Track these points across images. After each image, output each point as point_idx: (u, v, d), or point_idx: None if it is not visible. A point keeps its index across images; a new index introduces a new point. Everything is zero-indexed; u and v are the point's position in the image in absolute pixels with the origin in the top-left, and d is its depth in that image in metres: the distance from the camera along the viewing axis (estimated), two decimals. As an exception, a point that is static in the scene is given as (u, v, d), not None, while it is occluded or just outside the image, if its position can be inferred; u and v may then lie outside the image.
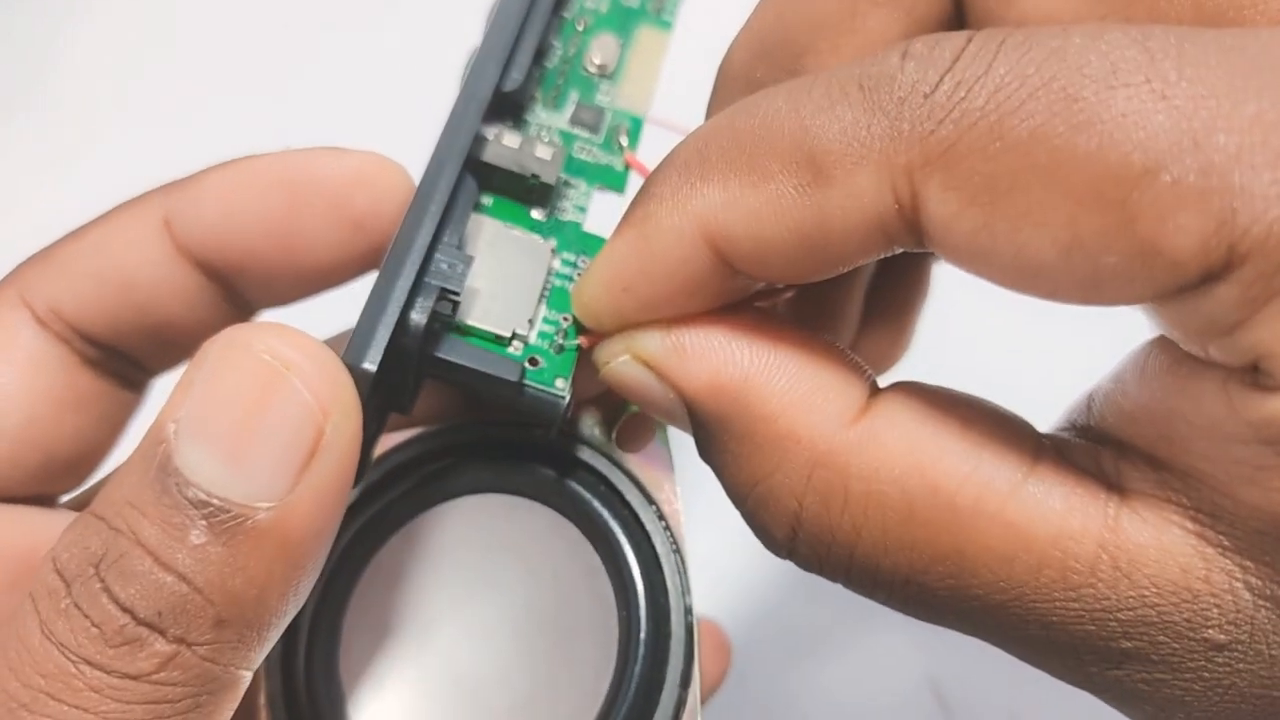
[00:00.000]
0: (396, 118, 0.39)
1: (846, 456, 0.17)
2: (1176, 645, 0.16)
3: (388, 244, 0.19)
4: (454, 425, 0.23)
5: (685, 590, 0.22)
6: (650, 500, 0.22)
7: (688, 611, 0.21)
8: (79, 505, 0.23)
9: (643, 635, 0.21)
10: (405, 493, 0.22)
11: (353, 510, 0.22)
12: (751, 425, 0.18)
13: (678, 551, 0.22)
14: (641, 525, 0.22)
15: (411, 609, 0.21)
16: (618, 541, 0.22)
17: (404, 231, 0.19)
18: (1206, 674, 0.16)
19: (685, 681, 0.21)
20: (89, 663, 0.15)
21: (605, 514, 0.22)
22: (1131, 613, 0.16)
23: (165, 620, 0.15)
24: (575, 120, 0.23)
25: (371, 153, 0.21)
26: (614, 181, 0.23)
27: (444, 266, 0.19)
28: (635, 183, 0.23)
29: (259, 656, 0.16)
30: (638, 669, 0.21)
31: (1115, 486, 0.17)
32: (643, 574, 0.22)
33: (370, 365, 0.18)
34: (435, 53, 0.33)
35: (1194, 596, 0.16)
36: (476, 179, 0.21)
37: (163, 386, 0.23)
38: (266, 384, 0.16)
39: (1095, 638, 0.16)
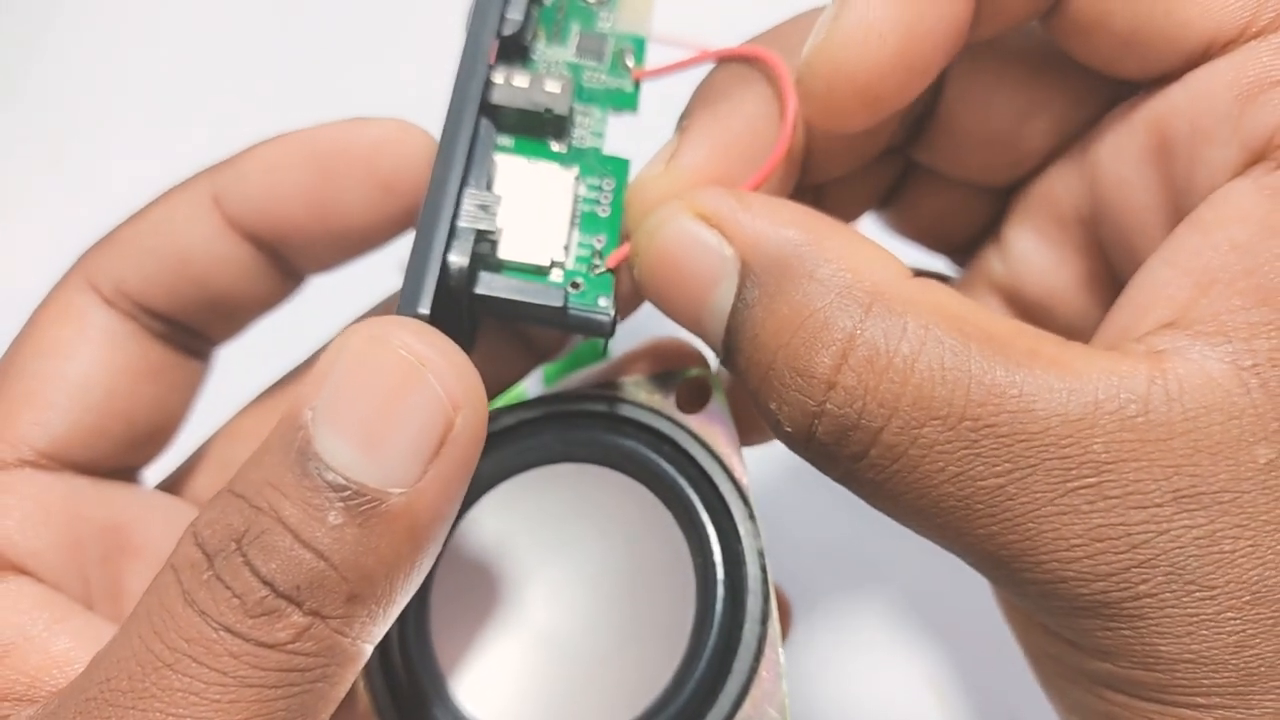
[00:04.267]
0: (408, 80, 0.40)
1: (906, 296, 0.18)
2: (1229, 473, 0.17)
3: (420, 202, 0.20)
4: (525, 402, 0.24)
5: (756, 533, 0.22)
6: (713, 454, 0.23)
7: (760, 553, 0.22)
8: (167, 486, 0.25)
9: (720, 578, 0.22)
10: (481, 468, 0.23)
11: None
12: (813, 265, 0.18)
13: (744, 498, 0.23)
14: (708, 478, 0.23)
15: (494, 575, 0.22)
16: (686, 496, 0.23)
17: (433, 184, 0.20)
18: (1260, 503, 0.17)
19: (765, 617, 0.22)
20: (229, 630, 0.16)
21: (672, 472, 0.23)
22: (1185, 439, 0.17)
23: (303, 594, 0.16)
24: (581, 51, 0.24)
25: (394, 119, 0.23)
26: (626, 102, 0.24)
27: (475, 208, 0.20)
28: (650, 99, 0.24)
29: (381, 631, 0.18)
30: (718, 610, 0.22)
31: (1150, 353, 0.18)
32: (713, 522, 0.22)
33: (424, 310, 0.19)
34: (439, 9, 0.34)
35: (1239, 412, 0.17)
36: (493, 122, 0.22)
37: (226, 356, 0.25)
38: (403, 377, 0.17)
39: (1148, 481, 0.17)
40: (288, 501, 0.16)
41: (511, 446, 0.23)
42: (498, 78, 0.22)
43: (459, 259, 0.20)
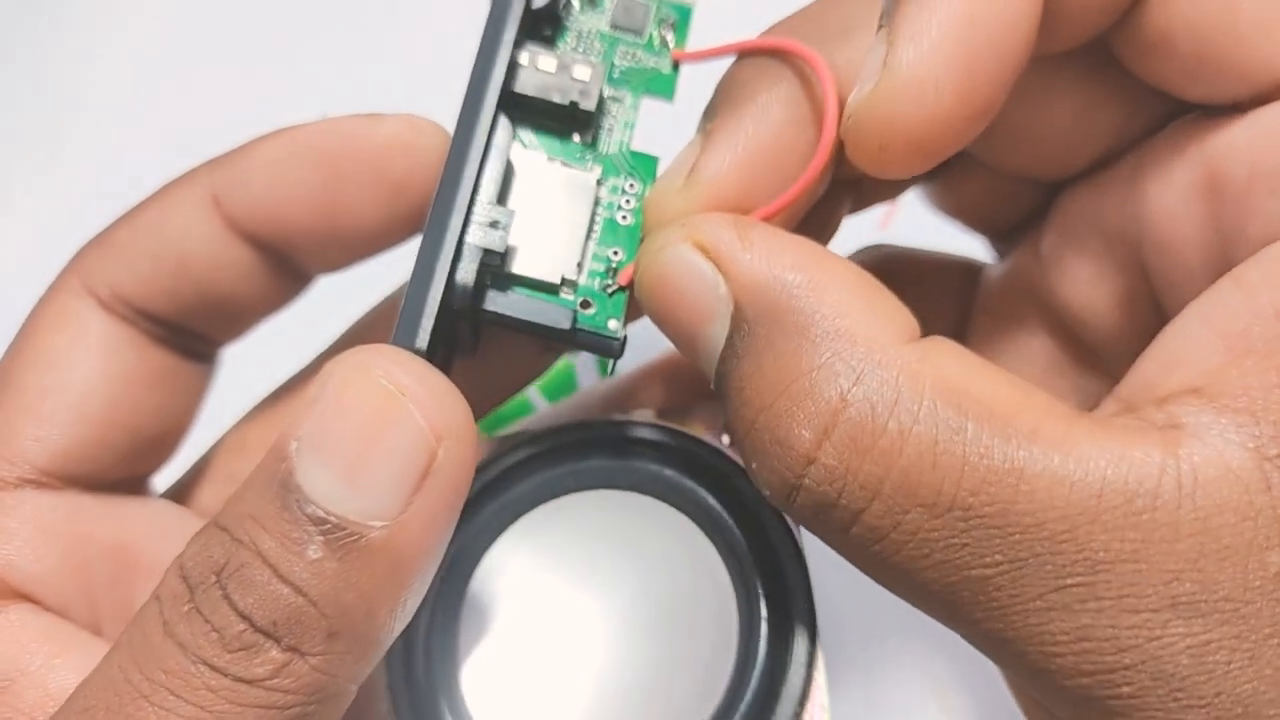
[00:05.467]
0: (424, 55, 0.37)
1: (902, 364, 0.17)
2: (1235, 581, 0.16)
3: (429, 205, 0.19)
4: (561, 427, 0.23)
5: (804, 571, 0.21)
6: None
7: (809, 591, 0.21)
8: (174, 495, 0.24)
9: (764, 615, 0.21)
10: (518, 491, 0.23)
11: (467, 508, 0.22)
12: (808, 321, 0.17)
13: (790, 532, 0.22)
14: (753, 511, 0.22)
15: (527, 603, 0.22)
16: (730, 528, 0.22)
17: (441, 195, 0.19)
18: (1264, 614, 0.16)
19: (811, 661, 0.21)
20: (207, 664, 0.16)
21: (716, 502, 0.22)
22: (1192, 540, 0.16)
23: (280, 629, 0.16)
24: (616, 20, 0.22)
25: (406, 116, 0.21)
26: (662, 88, 0.22)
27: (485, 226, 0.19)
28: (689, 84, 0.22)
29: (365, 670, 0.17)
30: (762, 651, 0.21)
31: (1168, 426, 0.17)
32: (758, 557, 0.22)
33: (420, 345, 0.18)
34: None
35: (1255, 513, 0.16)
36: (514, 109, 0.20)
37: (233, 355, 0.24)
38: (383, 408, 0.16)
39: (1145, 585, 0.16)
40: (267, 535, 0.16)
41: (551, 470, 0.23)
42: (523, 58, 0.20)
43: (465, 279, 0.19)
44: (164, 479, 0.24)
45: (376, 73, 0.41)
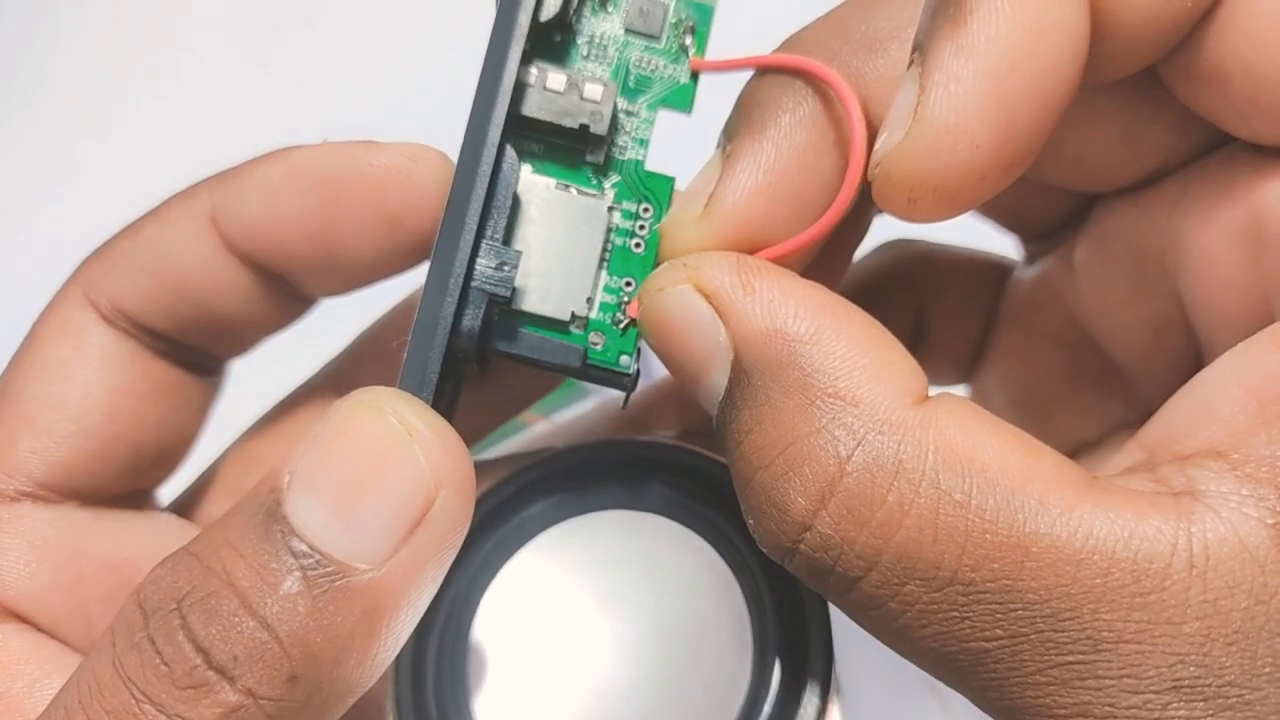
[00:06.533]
0: (435, 66, 0.35)
1: (905, 430, 0.16)
2: (1242, 667, 0.16)
3: (433, 238, 0.18)
4: (578, 446, 0.23)
5: (821, 598, 0.21)
6: None
7: (824, 613, 0.21)
8: (180, 508, 0.24)
9: (779, 639, 0.21)
10: (533, 511, 0.22)
11: (481, 528, 0.22)
12: (808, 378, 0.17)
13: None
14: None
15: (539, 621, 0.22)
16: (745, 548, 0.22)
17: (444, 234, 0.18)
18: (1270, 700, 0.16)
19: (826, 690, 0.21)
20: (151, 701, 0.15)
21: (728, 523, 0.22)
22: (1200, 623, 0.16)
23: (239, 667, 0.15)
24: (631, 22, 0.20)
25: (406, 145, 0.20)
26: (679, 100, 0.20)
27: (490, 269, 0.18)
28: (709, 95, 0.20)
29: None
30: (775, 677, 0.21)
31: (1185, 492, 0.16)
32: (773, 584, 0.21)
33: (426, 396, 0.18)
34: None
35: (1269, 596, 0.16)
36: (521, 129, 0.19)
37: (242, 364, 0.24)
38: (389, 445, 0.16)
39: (1148, 667, 0.16)
40: (243, 563, 0.15)
41: (566, 491, 0.22)
42: (530, 77, 0.19)
43: (471, 323, 0.18)
44: (169, 491, 0.24)
45: (385, 79, 0.40)
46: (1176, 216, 0.20)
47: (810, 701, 0.21)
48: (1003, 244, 0.26)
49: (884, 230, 0.26)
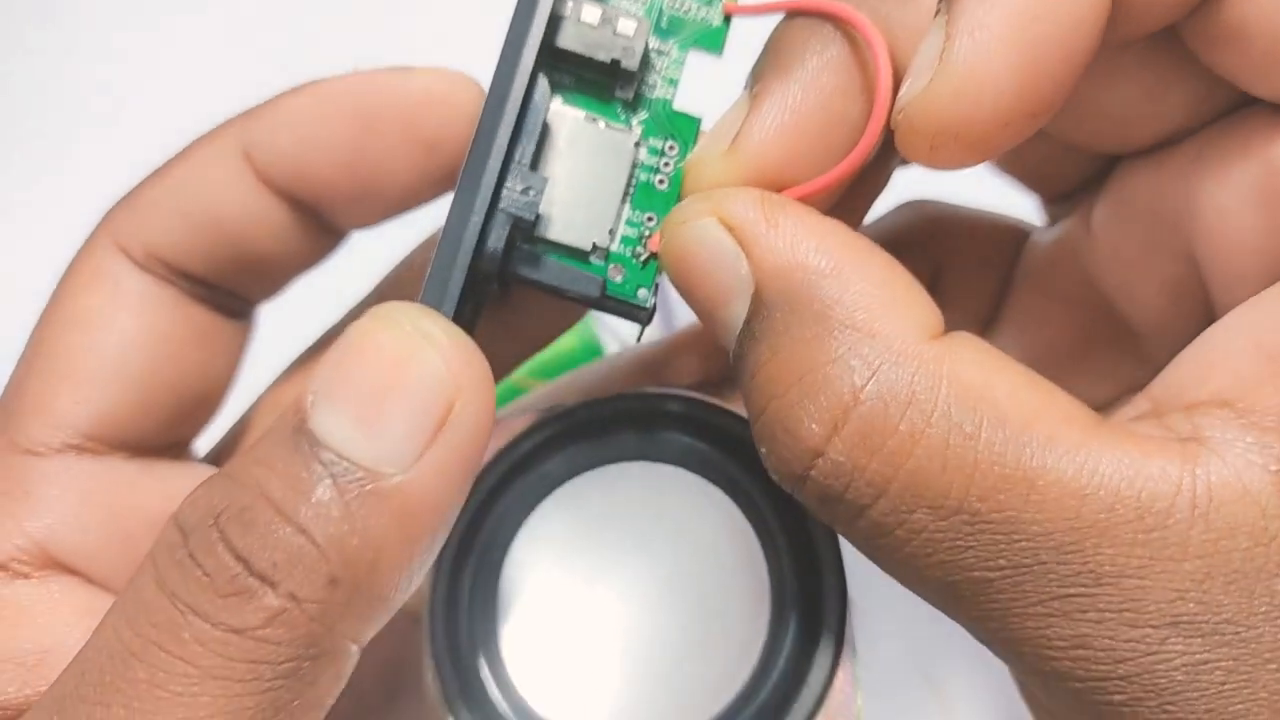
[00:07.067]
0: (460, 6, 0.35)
1: (920, 363, 0.17)
2: (1239, 605, 0.16)
3: (461, 164, 0.19)
4: (596, 400, 0.23)
5: (834, 545, 0.21)
6: None
7: (839, 565, 0.21)
8: (213, 460, 0.24)
9: (795, 591, 0.21)
10: (554, 463, 0.23)
11: (504, 480, 0.22)
12: (827, 310, 0.17)
13: None
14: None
15: (563, 570, 0.22)
16: (763, 501, 0.22)
17: (474, 156, 0.18)
18: (1265, 639, 0.16)
19: (841, 638, 0.21)
20: (196, 612, 0.15)
21: (747, 475, 0.22)
22: (1200, 562, 0.16)
23: (279, 572, 0.15)
24: (666, -39, 0.20)
25: (439, 70, 0.20)
26: (711, 42, 0.21)
27: (519, 191, 0.19)
28: (740, 38, 0.21)
29: (366, 631, 0.17)
30: (792, 625, 0.21)
31: (1191, 439, 0.17)
32: (789, 532, 0.22)
33: (447, 311, 0.18)
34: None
35: (1269, 539, 0.16)
36: (552, 61, 0.20)
37: (266, 315, 0.24)
38: (407, 352, 0.16)
39: (1148, 602, 0.16)
40: (274, 476, 0.16)
41: (585, 442, 0.23)
42: (566, 8, 0.19)
43: (495, 246, 0.19)
44: (203, 445, 0.24)
45: (407, 23, 0.39)
46: (1194, 176, 0.20)
47: (823, 659, 0.21)
48: (1020, 208, 0.26)
49: (902, 192, 0.26)
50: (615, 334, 0.39)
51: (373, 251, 0.24)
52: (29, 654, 0.19)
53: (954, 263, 0.26)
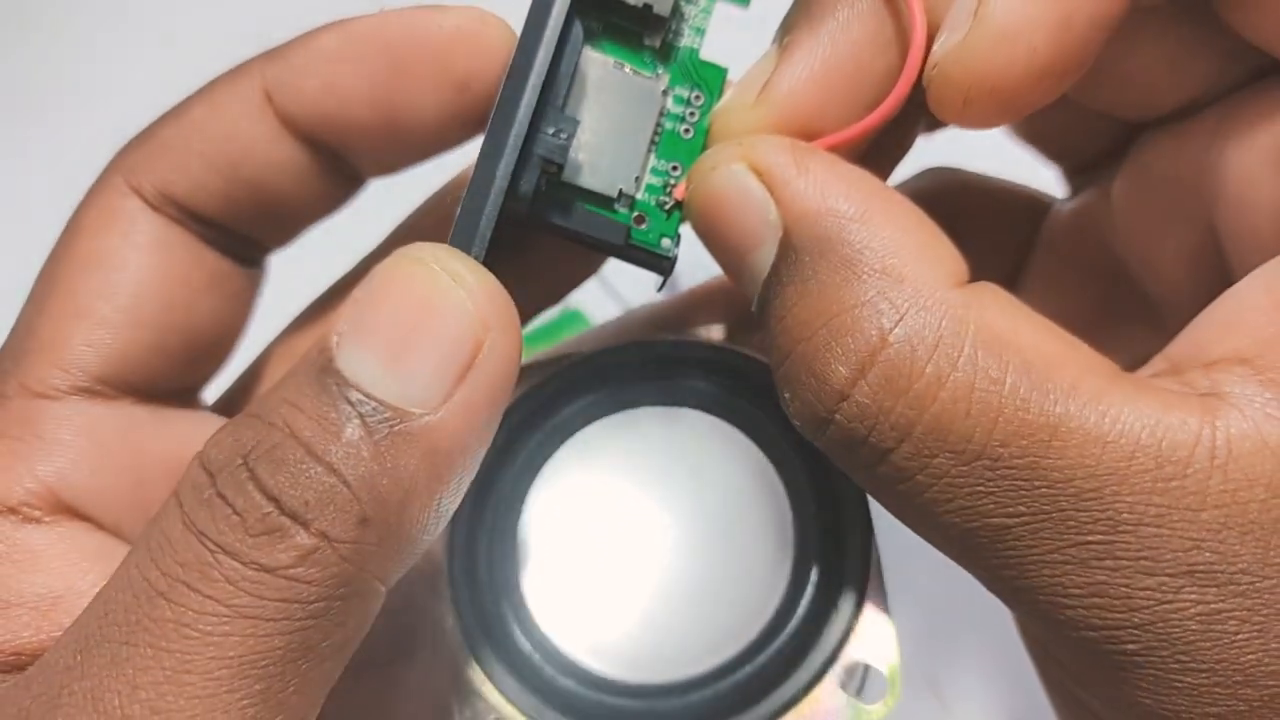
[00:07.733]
0: None
1: (947, 308, 0.17)
2: (1255, 555, 0.16)
3: (492, 105, 0.19)
4: (612, 348, 0.23)
5: (863, 500, 0.22)
6: None
7: (862, 499, 0.22)
8: (223, 408, 0.24)
9: (818, 526, 0.22)
10: (575, 407, 0.23)
11: (526, 424, 0.22)
12: (856, 254, 0.17)
13: None
14: None
15: (583, 513, 0.22)
16: (783, 440, 0.22)
17: (505, 98, 0.18)
18: (1278, 591, 0.16)
19: (865, 572, 0.21)
20: (226, 551, 0.15)
21: (766, 416, 0.22)
22: (1218, 511, 0.16)
23: (311, 511, 0.15)
24: (696, -89, 0.20)
25: (470, 8, 0.20)
26: (738, -8, 0.21)
27: (549, 135, 0.19)
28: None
29: (395, 570, 0.17)
30: (816, 561, 0.21)
31: (1210, 394, 0.17)
32: (809, 469, 0.22)
33: (478, 252, 0.18)
34: None
35: None
36: (583, 6, 0.20)
37: (276, 264, 0.24)
38: (434, 292, 0.16)
39: (1165, 550, 0.16)
40: (303, 416, 0.16)
41: (606, 387, 0.23)
42: (597, -47, 0.19)
43: (526, 188, 0.19)
44: (211, 393, 0.24)
45: None
46: (1216, 143, 0.20)
47: (846, 604, 0.21)
48: (1041, 181, 0.26)
49: (922, 162, 0.26)
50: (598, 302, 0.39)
51: (377, 208, 0.24)
52: (41, 598, 0.19)
53: (974, 230, 0.26)
